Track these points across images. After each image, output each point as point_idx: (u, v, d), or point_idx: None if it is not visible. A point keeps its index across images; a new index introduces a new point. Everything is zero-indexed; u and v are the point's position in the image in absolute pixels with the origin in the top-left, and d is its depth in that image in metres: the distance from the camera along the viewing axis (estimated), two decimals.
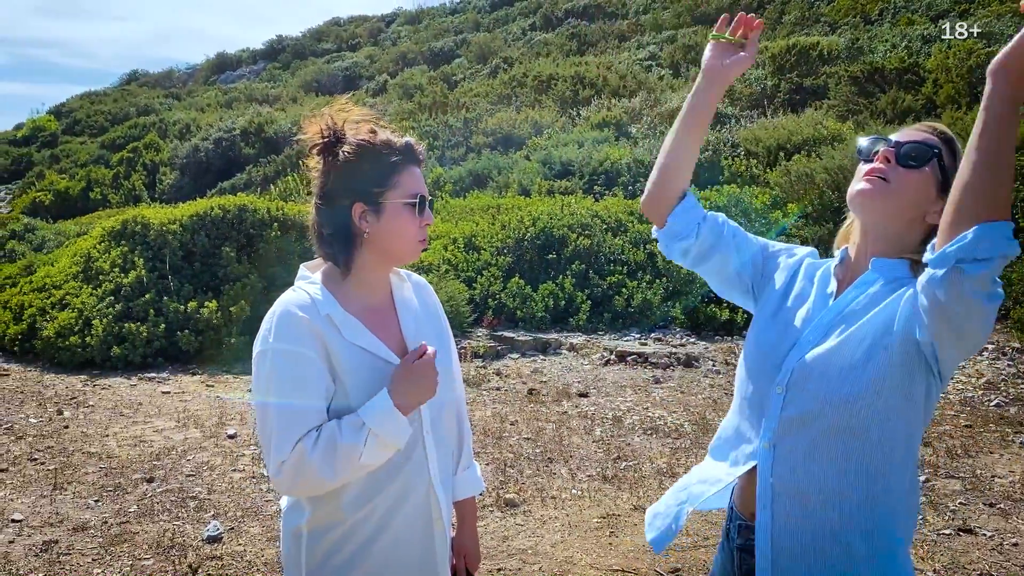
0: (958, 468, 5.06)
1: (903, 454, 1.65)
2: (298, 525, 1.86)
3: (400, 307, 1.94)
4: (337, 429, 1.72)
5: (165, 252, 8.61)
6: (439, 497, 1.89)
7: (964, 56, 15.02)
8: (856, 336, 1.66)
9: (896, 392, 1.61)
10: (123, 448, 5.57)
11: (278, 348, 1.75)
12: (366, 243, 1.84)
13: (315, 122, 1.88)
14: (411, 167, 1.85)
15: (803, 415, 1.68)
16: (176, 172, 23.71)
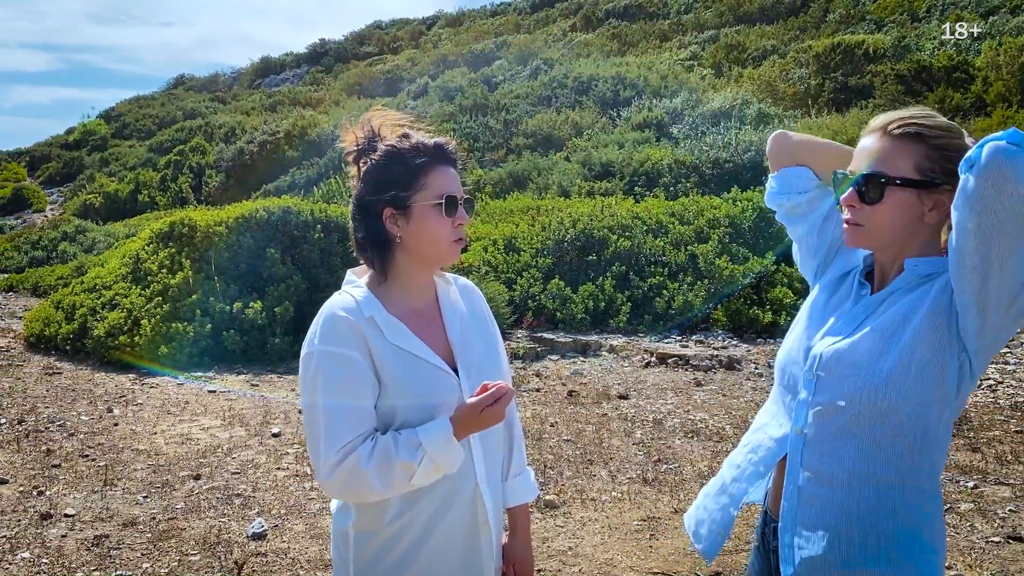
0: (1008, 475, 4.95)
1: (934, 437, 1.64)
2: (346, 527, 1.88)
3: (445, 310, 1.94)
4: (393, 444, 1.74)
5: (211, 253, 8.77)
6: (486, 501, 1.89)
7: (1015, 53, 14.67)
8: (885, 322, 1.68)
9: (923, 372, 1.61)
10: (170, 446, 5.69)
11: (324, 350, 1.77)
12: (401, 247, 1.86)
13: (351, 130, 1.91)
14: (441, 167, 1.85)
15: (833, 400, 1.70)
16: (221, 174, 24.13)
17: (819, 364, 1.74)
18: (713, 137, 14.35)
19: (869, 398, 1.64)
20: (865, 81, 17.79)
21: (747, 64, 23.11)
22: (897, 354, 1.64)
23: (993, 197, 1.45)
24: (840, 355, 1.71)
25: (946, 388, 1.63)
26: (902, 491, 1.65)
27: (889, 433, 1.64)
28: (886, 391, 1.63)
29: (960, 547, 4.03)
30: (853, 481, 1.67)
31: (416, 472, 1.74)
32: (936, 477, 1.67)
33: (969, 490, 4.73)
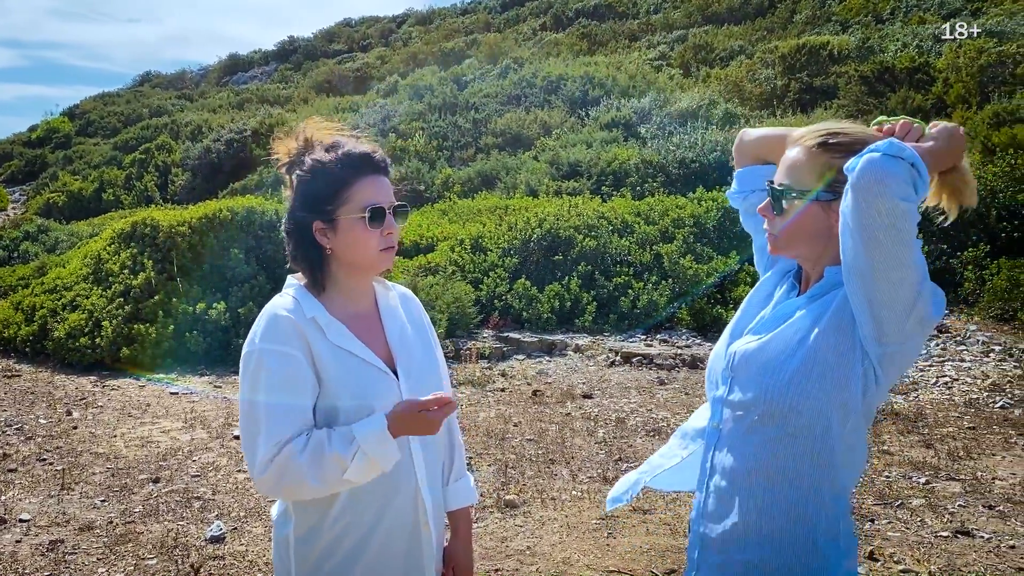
0: (959, 470, 5.06)
1: (837, 442, 1.67)
2: (287, 532, 1.89)
3: (385, 315, 1.98)
4: (327, 438, 1.75)
5: (174, 254, 8.69)
6: (426, 502, 1.92)
7: (975, 55, 14.94)
8: (795, 325, 1.73)
9: (825, 376, 1.65)
10: (130, 448, 5.64)
11: (265, 348, 1.79)
12: (332, 258, 1.89)
13: (284, 142, 1.94)
14: (367, 178, 1.87)
15: (741, 400, 1.75)
16: (188, 173, 23.88)
17: (734, 363, 1.80)
18: (680, 137, 14.47)
19: (773, 399, 1.68)
20: (830, 82, 18.02)
21: (714, 64, 23.30)
22: (801, 358, 1.67)
23: (867, 211, 1.49)
24: (751, 356, 1.76)
25: (849, 394, 1.65)
26: (798, 491, 1.68)
27: (789, 434, 1.68)
28: (788, 393, 1.67)
29: (910, 542, 4.11)
30: (752, 478, 1.72)
31: (349, 467, 1.74)
32: (839, 482, 1.69)
33: (921, 486, 4.83)
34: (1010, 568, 3.83)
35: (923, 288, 1.54)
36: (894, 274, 1.51)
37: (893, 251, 1.50)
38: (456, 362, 7.93)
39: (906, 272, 1.51)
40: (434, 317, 8.26)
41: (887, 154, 1.49)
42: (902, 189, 1.47)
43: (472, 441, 5.73)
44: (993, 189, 10.09)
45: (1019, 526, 4.27)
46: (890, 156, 1.49)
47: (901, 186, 1.47)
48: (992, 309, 8.64)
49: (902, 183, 1.48)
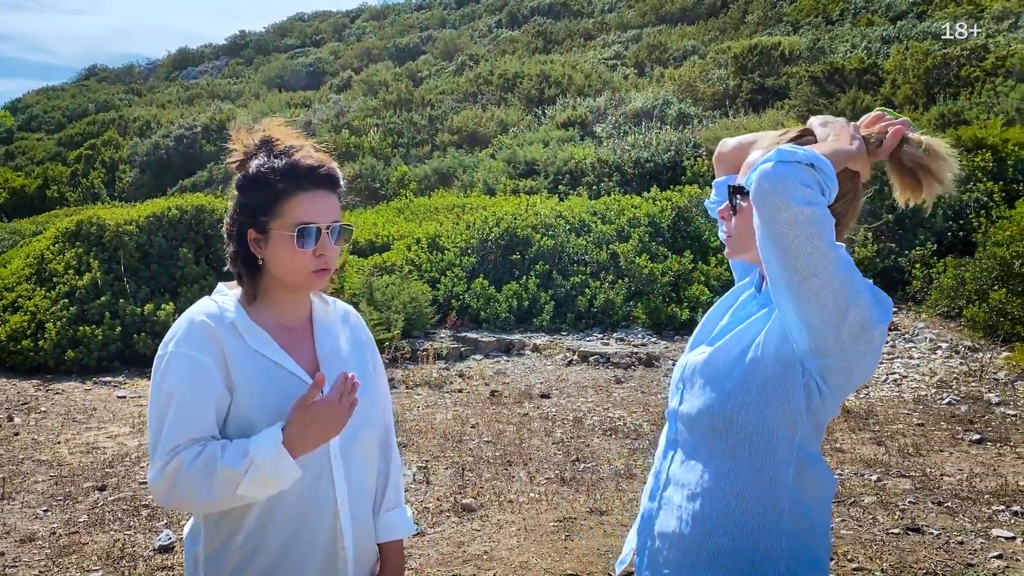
0: (909, 467, 5.15)
1: (782, 455, 1.63)
2: (196, 549, 1.80)
3: (318, 330, 1.88)
4: (220, 450, 1.66)
5: (121, 254, 8.47)
6: (344, 527, 1.81)
7: (921, 57, 15.27)
8: (740, 335, 1.70)
9: (766, 388, 1.61)
10: (75, 455, 5.48)
11: (176, 352, 1.71)
12: (265, 269, 1.79)
13: (243, 136, 1.83)
14: (307, 193, 1.74)
15: (689, 412, 1.73)
16: (136, 170, 23.38)
17: (685, 374, 1.78)
18: (635, 137, 14.54)
19: (716, 412, 1.65)
20: (781, 82, 18.28)
21: (668, 64, 23.49)
22: (744, 369, 1.64)
23: (771, 222, 1.46)
24: (699, 367, 1.74)
25: (792, 406, 1.60)
26: (740, 503, 1.63)
27: (730, 447, 1.65)
28: (728, 406, 1.63)
29: (863, 540, 4.16)
30: (698, 490, 1.68)
31: (242, 481, 1.63)
32: (786, 500, 1.63)
33: (873, 483, 4.90)
34: (959, 564, 3.90)
35: (854, 293, 1.47)
36: (814, 282, 1.46)
37: (807, 259, 1.45)
38: (413, 363, 7.86)
39: (827, 279, 1.46)
40: (390, 317, 8.17)
41: (779, 161, 1.46)
42: (803, 193, 1.43)
43: (428, 444, 5.68)
44: None
45: (967, 522, 4.35)
46: (783, 163, 1.45)
47: (801, 190, 1.43)
48: (939, 307, 8.83)
49: (801, 187, 1.44)
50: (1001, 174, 10.52)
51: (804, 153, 1.48)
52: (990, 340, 7.91)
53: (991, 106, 12.75)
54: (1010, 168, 10.61)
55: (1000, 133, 11.20)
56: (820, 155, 1.50)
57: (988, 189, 10.12)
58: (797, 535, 1.64)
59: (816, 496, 1.68)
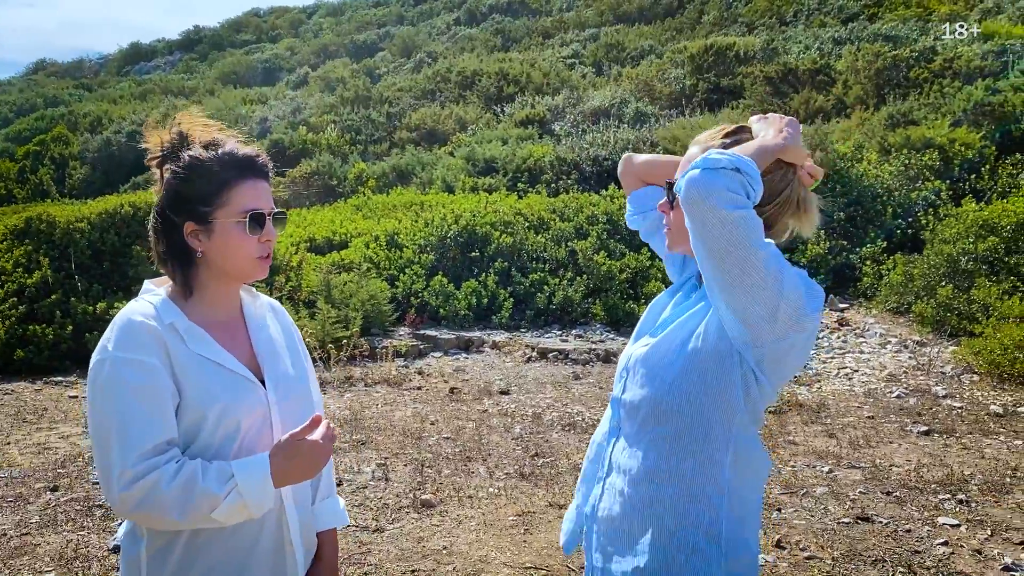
0: (860, 458, 5.28)
1: (720, 443, 1.69)
2: (137, 552, 1.75)
3: (251, 323, 1.88)
4: (200, 471, 1.63)
5: (72, 251, 8.32)
6: (291, 522, 1.82)
7: (872, 58, 15.59)
8: (681, 326, 1.76)
9: (705, 377, 1.67)
10: (25, 456, 5.37)
11: (119, 356, 1.65)
12: (203, 262, 1.77)
13: (158, 132, 1.81)
14: (248, 181, 1.76)
15: (631, 400, 1.78)
16: (87, 166, 22.91)
17: (629, 364, 1.83)
18: (593, 135, 14.64)
19: (657, 400, 1.71)
20: (736, 82, 18.54)
21: (626, 63, 23.67)
22: (685, 358, 1.70)
23: (701, 226, 1.52)
24: (642, 357, 1.79)
25: (731, 396, 1.67)
26: (680, 490, 1.69)
27: (671, 434, 1.71)
28: (670, 394, 1.69)
29: (814, 529, 4.26)
30: (640, 476, 1.74)
31: (220, 505, 1.62)
32: (724, 485, 1.69)
33: (824, 474, 5.02)
34: (906, 551, 4.01)
35: (781, 286, 1.54)
36: (745, 280, 1.53)
37: (739, 259, 1.51)
38: (372, 361, 7.84)
39: (758, 276, 1.52)
40: (349, 315, 8.14)
41: (706, 168, 1.51)
42: (729, 198, 1.49)
43: (388, 441, 5.67)
44: (889, 188, 10.55)
45: (915, 511, 4.47)
46: (708, 170, 1.51)
47: (727, 195, 1.49)
48: (888, 303, 9.04)
49: (728, 192, 1.49)
50: (948, 173, 10.81)
51: (728, 159, 1.53)
52: (937, 335, 8.13)
53: (939, 107, 13.07)
54: (956, 167, 10.91)
55: (947, 133, 11.51)
56: (745, 158, 1.55)
57: (936, 188, 10.38)
58: (735, 519, 1.71)
59: (751, 480, 1.75)
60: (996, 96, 12.24)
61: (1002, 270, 8.24)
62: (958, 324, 7.92)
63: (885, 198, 10.43)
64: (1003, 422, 5.91)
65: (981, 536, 4.17)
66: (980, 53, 14.88)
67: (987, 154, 11.09)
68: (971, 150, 11.09)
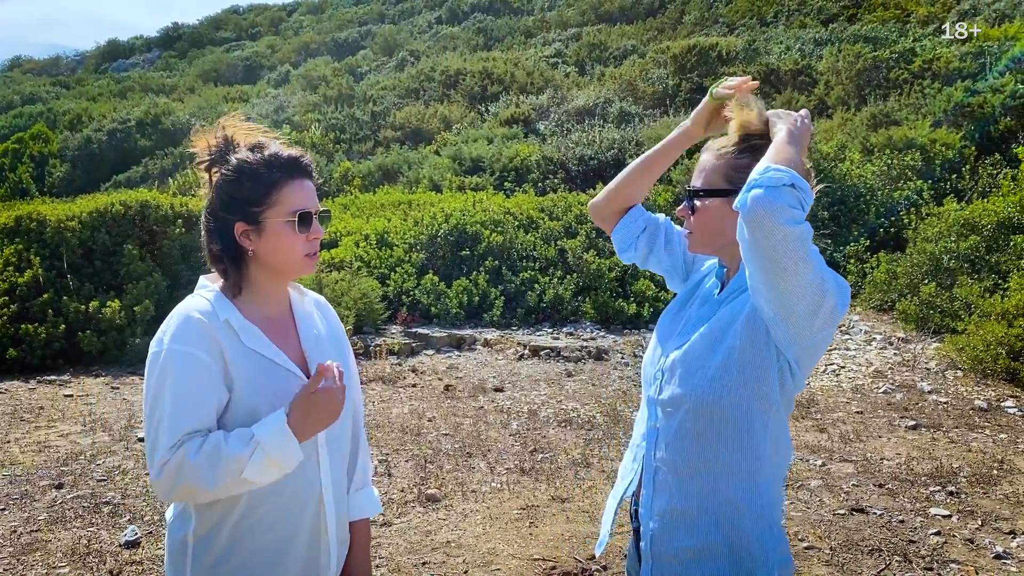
0: (851, 452, 5.41)
1: (761, 432, 1.80)
2: (184, 534, 1.82)
3: (300, 320, 1.95)
4: (223, 438, 1.71)
5: (63, 250, 8.29)
6: (328, 510, 1.88)
7: (853, 60, 15.80)
8: (715, 324, 1.85)
9: (744, 372, 1.78)
10: (27, 454, 5.38)
11: (173, 349, 1.73)
12: (254, 260, 1.85)
13: (204, 136, 1.88)
14: (295, 181, 1.83)
15: (671, 398, 1.87)
16: (67, 164, 22.70)
17: (665, 365, 1.91)
18: (578, 134, 14.74)
19: (699, 396, 1.81)
20: None
21: (609, 63, 23.80)
22: (722, 355, 1.79)
23: (763, 243, 1.60)
24: (678, 357, 1.87)
25: (768, 388, 1.78)
26: (730, 479, 1.81)
27: (716, 428, 1.81)
28: (711, 390, 1.79)
29: (811, 521, 4.38)
30: (691, 470, 1.84)
31: (248, 465, 1.69)
32: (766, 469, 1.82)
33: (817, 468, 5.14)
34: (901, 541, 4.13)
35: (824, 287, 1.64)
36: (798, 285, 1.63)
37: (794, 270, 1.60)
38: (365, 358, 7.89)
39: (806, 281, 1.62)
40: (341, 314, 8.17)
41: (768, 187, 1.59)
42: (790, 215, 1.58)
43: (387, 437, 5.74)
44: (872, 187, 10.74)
45: (907, 502, 4.61)
46: (772, 188, 1.58)
47: (789, 211, 1.57)
48: (873, 300, 9.21)
49: (789, 208, 1.58)
50: (930, 173, 11.01)
51: (787, 175, 1.61)
52: (921, 332, 8.30)
53: (919, 107, 13.30)
54: (937, 167, 11.12)
55: (928, 134, 11.71)
56: (797, 174, 1.63)
57: (918, 187, 10.58)
58: (774, 503, 1.84)
59: (782, 468, 1.89)
60: (975, 97, 12.48)
61: (983, 268, 8.43)
62: (941, 321, 8.09)
63: (868, 197, 10.61)
64: (987, 416, 6.07)
65: (972, 526, 4.30)
66: (959, 55, 15.13)
67: (967, 154, 11.32)
68: (951, 150, 11.31)
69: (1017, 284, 7.33)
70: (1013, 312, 6.97)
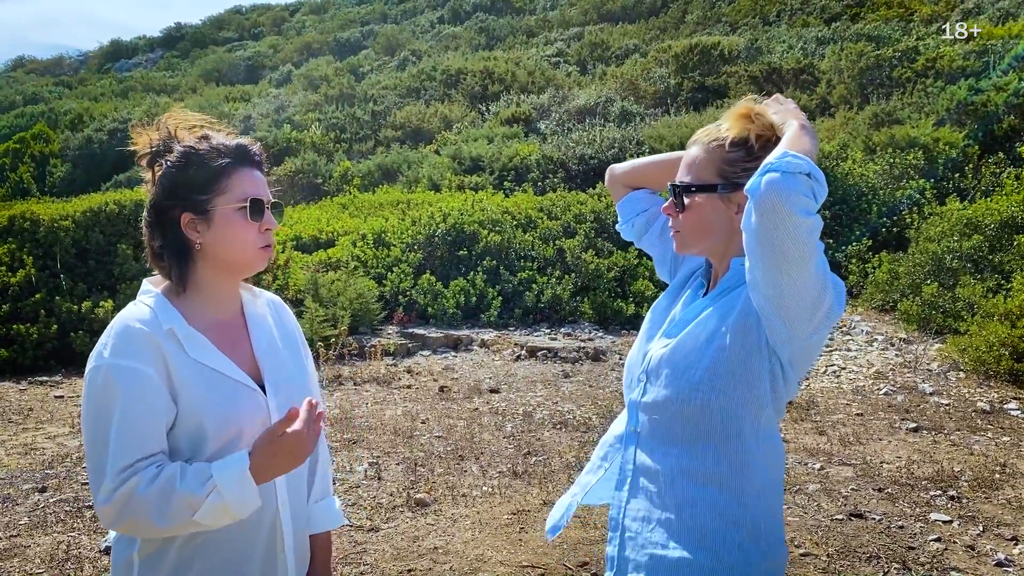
0: (850, 455, 5.31)
1: (750, 437, 1.70)
2: (129, 555, 1.72)
3: (252, 324, 1.83)
4: (179, 474, 1.59)
5: (56, 250, 8.22)
6: (284, 528, 1.79)
7: (855, 58, 15.69)
8: (702, 324, 1.75)
9: (735, 374, 1.68)
10: (12, 457, 5.30)
11: (114, 364, 1.61)
12: (201, 255, 1.74)
13: (145, 132, 1.78)
14: (245, 169, 1.74)
15: (655, 401, 1.77)
16: (68, 164, 22.68)
17: (648, 367, 1.81)
18: (579, 134, 14.66)
19: (685, 398, 1.71)
20: (721, 81, 18.61)
21: (610, 62, 23.71)
22: (711, 356, 1.69)
23: (773, 231, 1.51)
24: (664, 358, 1.78)
25: (759, 390, 1.68)
26: (719, 487, 1.70)
27: (704, 432, 1.70)
28: (699, 392, 1.69)
29: (808, 526, 4.28)
30: (674, 476, 1.73)
31: (201, 507, 1.58)
32: (756, 477, 1.71)
33: (816, 471, 5.04)
34: (900, 547, 4.03)
35: (827, 285, 1.57)
36: (801, 282, 1.54)
37: (799, 263, 1.52)
38: (360, 359, 7.81)
39: (810, 276, 1.54)
40: (337, 313, 8.10)
41: (786, 172, 1.49)
42: (804, 204, 1.49)
43: (379, 440, 5.65)
44: (874, 186, 10.63)
45: (906, 507, 4.51)
46: (789, 174, 1.49)
47: (803, 201, 1.48)
48: (874, 301, 9.11)
49: (803, 198, 1.49)
50: (932, 172, 10.90)
51: (804, 162, 1.51)
52: (923, 333, 8.19)
53: (922, 106, 13.18)
54: (940, 166, 11.01)
55: (931, 132, 11.60)
56: (814, 164, 1.54)
57: (920, 187, 10.47)
58: (769, 515, 1.73)
59: (777, 474, 1.77)
60: (979, 96, 12.36)
61: (986, 268, 8.32)
62: (943, 322, 7.98)
63: (870, 197, 10.51)
64: (990, 419, 5.96)
65: (973, 532, 4.20)
66: (962, 53, 15.01)
67: (970, 153, 11.20)
68: (954, 149, 11.20)
69: (1021, 284, 7.22)
70: (1016, 312, 6.86)
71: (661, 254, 2.10)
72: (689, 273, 1.98)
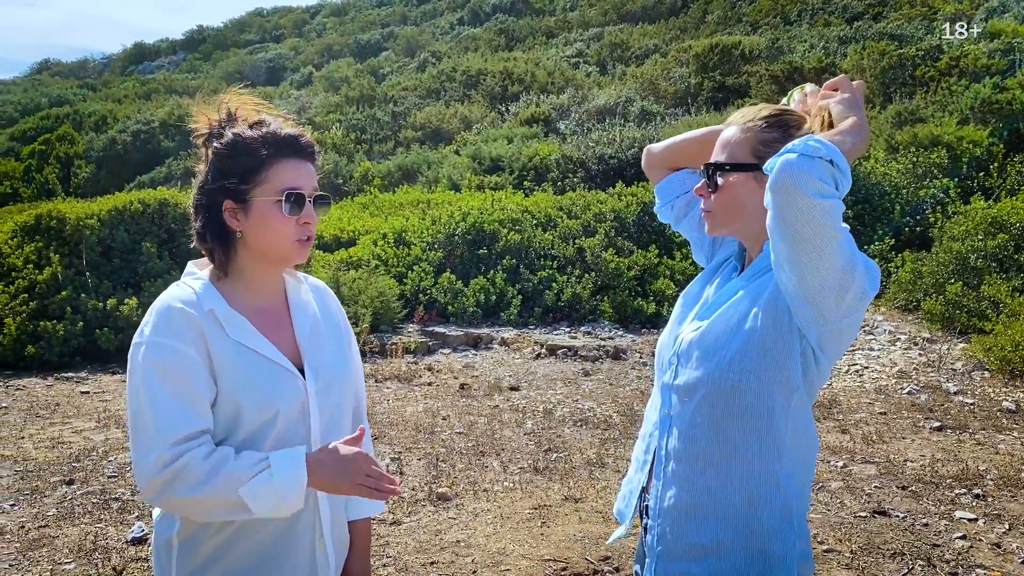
0: (873, 454, 5.28)
1: (781, 421, 1.70)
2: (170, 536, 1.73)
3: (295, 310, 1.83)
4: (233, 454, 1.62)
5: (82, 248, 8.32)
6: (322, 514, 1.79)
7: (878, 57, 15.58)
8: (734, 306, 1.75)
9: (766, 356, 1.67)
10: (40, 450, 5.38)
11: (154, 342, 1.62)
12: (242, 243, 1.73)
13: (205, 111, 1.78)
14: (288, 161, 1.72)
15: (687, 384, 1.76)
16: (92, 165, 22.93)
17: (680, 349, 1.81)
18: (599, 133, 14.64)
19: (716, 380, 1.70)
20: (742, 81, 18.53)
21: (630, 62, 23.67)
22: (743, 338, 1.69)
23: (787, 210, 1.50)
24: (695, 340, 1.77)
25: (789, 372, 1.67)
26: (748, 470, 1.70)
27: (734, 414, 1.70)
28: (730, 373, 1.68)
29: (831, 523, 4.26)
30: (706, 460, 1.73)
31: (248, 483, 1.59)
32: (787, 459, 1.71)
33: (839, 469, 5.01)
34: (925, 545, 4.01)
35: (854, 268, 1.55)
36: (822, 264, 1.53)
37: (818, 244, 1.51)
38: (382, 357, 7.84)
39: (833, 260, 1.52)
40: (358, 312, 8.14)
41: (803, 154, 1.49)
42: (820, 187, 1.48)
43: (401, 435, 5.68)
44: (897, 185, 10.55)
45: (931, 505, 4.47)
46: (806, 156, 1.48)
47: (818, 184, 1.47)
48: (897, 300, 9.03)
49: (819, 181, 1.47)
50: (956, 171, 10.80)
51: (827, 149, 1.50)
52: (947, 332, 8.12)
53: (945, 105, 13.06)
54: (964, 165, 10.90)
55: (955, 131, 11.49)
56: (840, 155, 1.52)
57: (944, 186, 10.37)
58: (800, 497, 1.73)
59: (808, 458, 1.76)
60: (1003, 94, 12.22)
61: (1012, 267, 8.24)
62: (968, 321, 7.90)
63: (893, 196, 10.42)
64: (1016, 418, 5.90)
65: (999, 530, 4.17)
66: (987, 51, 14.86)
67: (995, 152, 11.08)
68: (979, 148, 11.09)
69: None
70: None
71: (699, 238, 2.07)
72: (724, 259, 1.97)
